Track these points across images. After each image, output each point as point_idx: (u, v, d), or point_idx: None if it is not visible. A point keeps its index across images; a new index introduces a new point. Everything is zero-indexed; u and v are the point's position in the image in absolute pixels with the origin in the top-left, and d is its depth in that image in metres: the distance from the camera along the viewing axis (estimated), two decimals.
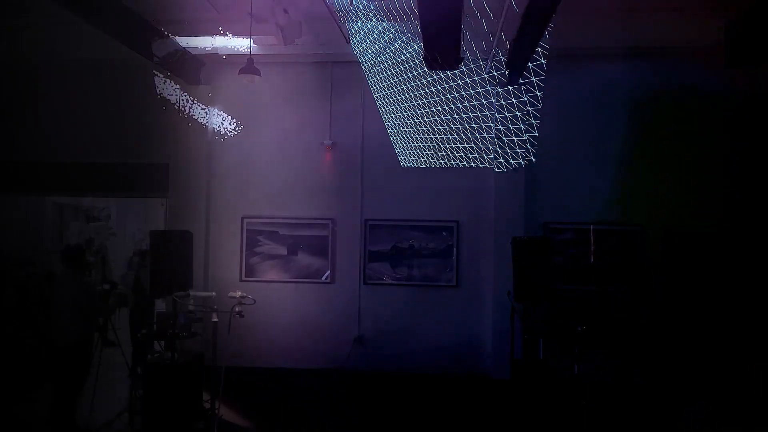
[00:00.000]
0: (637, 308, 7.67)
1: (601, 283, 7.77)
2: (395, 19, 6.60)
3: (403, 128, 7.93)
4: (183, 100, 7.60)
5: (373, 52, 7.43)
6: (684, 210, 7.72)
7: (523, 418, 6.23)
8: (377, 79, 7.81)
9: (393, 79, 7.67)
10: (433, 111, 7.68)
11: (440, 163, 7.98)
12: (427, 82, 7.44)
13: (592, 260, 7.85)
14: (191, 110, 7.44)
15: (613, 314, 7.60)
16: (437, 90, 7.48)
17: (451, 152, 7.88)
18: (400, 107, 7.80)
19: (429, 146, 7.90)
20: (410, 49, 7.04)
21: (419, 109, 7.71)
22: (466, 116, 7.57)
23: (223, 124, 7.45)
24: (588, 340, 6.76)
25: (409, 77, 7.50)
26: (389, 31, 6.89)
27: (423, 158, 8.03)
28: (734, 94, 7.72)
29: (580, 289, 7.82)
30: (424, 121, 7.77)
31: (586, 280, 7.87)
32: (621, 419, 6.13)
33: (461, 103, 7.45)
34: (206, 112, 7.78)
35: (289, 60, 8.19)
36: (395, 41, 7.00)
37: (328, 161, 8.34)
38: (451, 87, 7.34)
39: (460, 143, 7.78)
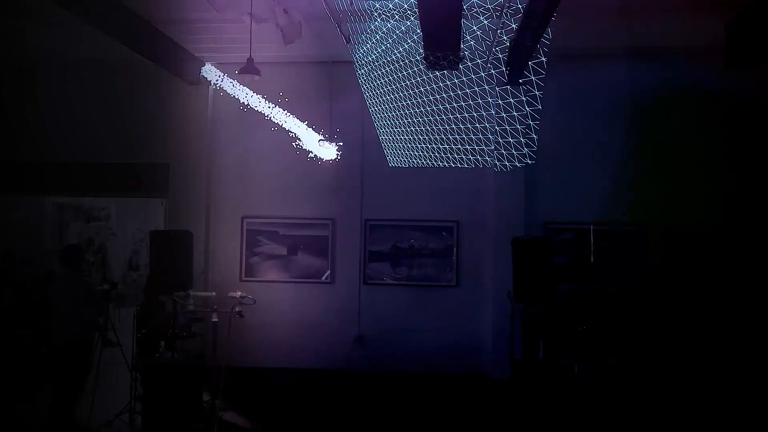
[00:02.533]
0: (638, 308, 7.67)
1: (601, 283, 7.77)
2: (395, 19, 6.60)
3: (398, 128, 7.91)
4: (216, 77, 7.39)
5: (372, 52, 7.42)
6: (684, 209, 7.72)
7: (523, 418, 6.23)
8: (373, 80, 7.79)
9: (389, 78, 7.66)
10: (431, 111, 7.67)
11: (439, 163, 7.98)
12: (426, 81, 7.43)
13: (592, 260, 7.85)
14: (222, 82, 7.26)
15: (613, 314, 7.59)
16: (436, 90, 7.47)
17: (451, 152, 7.87)
18: (397, 107, 7.79)
19: (427, 146, 7.90)
20: (409, 49, 7.04)
21: (416, 109, 7.70)
22: (466, 116, 7.56)
23: (218, 80, 7.16)
24: (588, 340, 6.76)
25: (407, 78, 7.49)
26: (394, 31, 6.88)
27: (420, 159, 8.02)
28: (734, 94, 7.72)
29: (580, 289, 7.82)
30: (422, 120, 7.75)
31: (586, 280, 7.87)
32: (621, 419, 6.12)
33: (461, 102, 7.44)
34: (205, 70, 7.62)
35: (289, 60, 8.18)
36: (396, 41, 6.99)
37: (328, 161, 8.33)
38: (450, 87, 7.33)
39: (458, 143, 7.77)
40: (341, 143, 7.77)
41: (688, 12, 7.13)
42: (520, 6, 5.31)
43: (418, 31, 6.34)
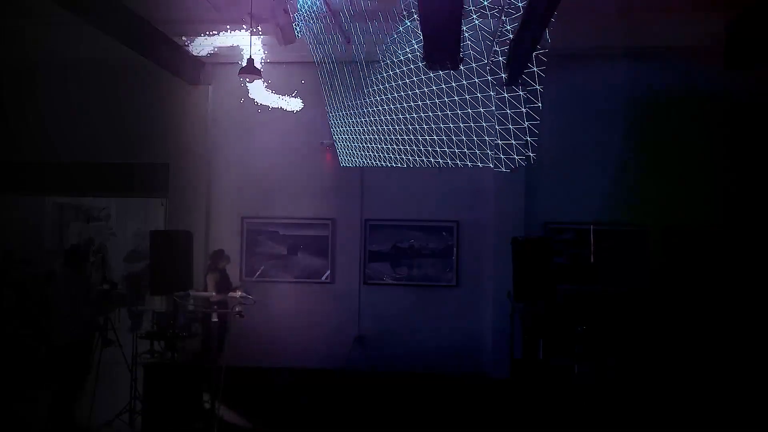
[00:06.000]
0: (638, 308, 7.67)
1: (601, 283, 7.77)
2: (396, 20, 6.59)
3: (394, 127, 7.86)
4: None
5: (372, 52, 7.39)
6: (684, 209, 7.71)
7: (523, 418, 6.23)
8: (340, 80, 7.72)
9: (389, 78, 7.63)
10: (430, 110, 7.64)
11: (438, 163, 7.95)
12: (425, 81, 7.42)
13: (592, 260, 7.84)
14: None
15: (613, 314, 7.60)
16: (434, 89, 7.46)
17: (450, 152, 7.85)
18: (392, 107, 7.75)
19: (426, 146, 7.87)
20: (409, 49, 7.03)
21: (414, 114, 7.67)
22: (465, 116, 7.55)
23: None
24: (588, 340, 6.76)
25: (406, 77, 7.47)
26: (394, 32, 6.88)
27: (420, 158, 7.99)
28: (734, 94, 7.71)
29: (580, 289, 7.82)
30: (419, 120, 7.72)
31: (586, 280, 7.86)
32: (621, 419, 6.13)
33: (460, 103, 7.43)
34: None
35: (289, 60, 8.17)
36: (397, 42, 6.98)
37: (328, 161, 8.33)
38: (450, 86, 7.32)
39: (454, 142, 7.74)
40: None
41: (688, 12, 7.12)
42: (519, 4, 5.31)
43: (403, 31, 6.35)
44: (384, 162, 7.88)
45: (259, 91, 7.13)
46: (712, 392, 6.67)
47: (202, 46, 7.64)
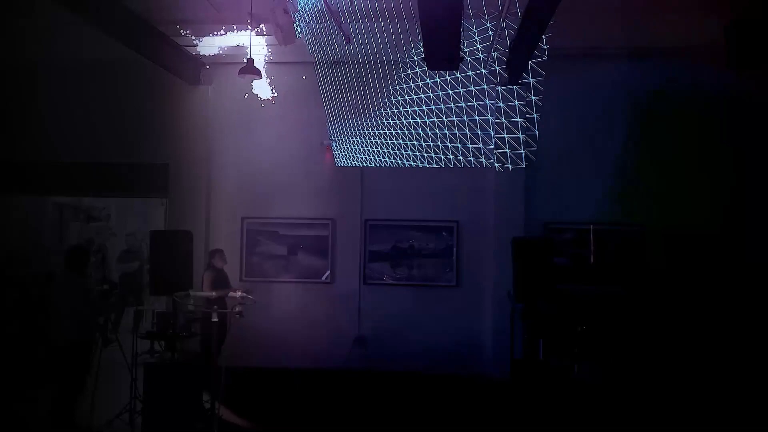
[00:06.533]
0: (637, 308, 7.67)
1: (601, 283, 7.77)
2: (396, 20, 6.59)
3: (394, 128, 7.87)
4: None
5: (372, 53, 7.40)
6: (684, 210, 7.71)
7: (523, 418, 6.23)
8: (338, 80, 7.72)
9: (391, 80, 7.63)
10: (426, 117, 7.65)
11: (438, 163, 7.96)
12: (425, 81, 7.42)
13: (592, 260, 7.84)
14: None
15: (613, 314, 7.59)
16: (435, 90, 7.46)
17: (450, 152, 7.86)
18: (392, 111, 7.75)
19: (422, 151, 7.87)
20: (411, 50, 7.04)
21: (415, 109, 7.68)
22: (464, 117, 7.55)
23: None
24: (588, 340, 6.76)
25: (403, 82, 7.48)
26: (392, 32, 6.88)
27: (418, 159, 8.00)
28: (734, 94, 7.71)
29: (580, 289, 7.82)
30: (417, 121, 7.73)
31: (586, 280, 7.86)
32: (621, 419, 6.13)
33: (460, 102, 7.43)
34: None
35: (288, 60, 8.16)
36: (396, 44, 6.99)
37: (328, 161, 8.33)
38: (450, 87, 7.33)
39: (458, 143, 7.76)
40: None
41: (688, 12, 7.11)
42: (518, 10, 5.31)
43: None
44: (381, 163, 7.90)
45: (262, 88, 7.17)
46: (712, 392, 6.67)
47: (209, 45, 7.66)
